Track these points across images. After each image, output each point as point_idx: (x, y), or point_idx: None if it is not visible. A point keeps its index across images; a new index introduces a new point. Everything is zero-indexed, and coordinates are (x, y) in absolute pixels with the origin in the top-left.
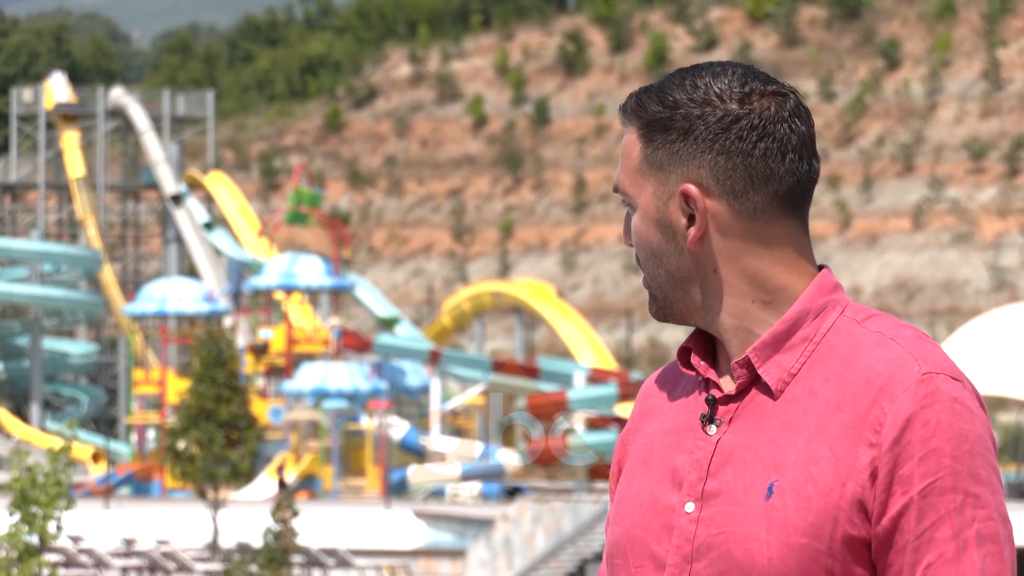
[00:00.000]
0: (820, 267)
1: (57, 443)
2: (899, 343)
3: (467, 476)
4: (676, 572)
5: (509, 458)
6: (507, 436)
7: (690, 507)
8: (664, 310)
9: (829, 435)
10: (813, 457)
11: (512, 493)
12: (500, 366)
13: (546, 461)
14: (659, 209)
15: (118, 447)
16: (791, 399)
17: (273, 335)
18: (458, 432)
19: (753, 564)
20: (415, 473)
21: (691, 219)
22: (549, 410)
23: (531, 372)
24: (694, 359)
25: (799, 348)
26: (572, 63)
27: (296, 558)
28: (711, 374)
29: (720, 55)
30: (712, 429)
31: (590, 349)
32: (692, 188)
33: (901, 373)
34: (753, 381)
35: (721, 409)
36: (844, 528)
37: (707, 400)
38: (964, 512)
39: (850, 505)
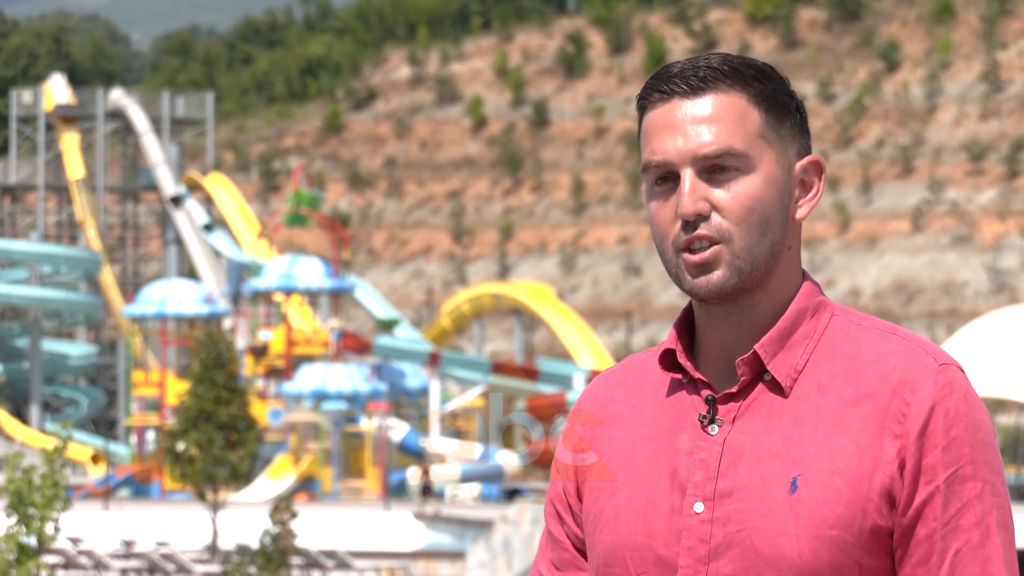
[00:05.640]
0: None
1: (54, 444)
2: (902, 338)
3: (466, 478)
4: (691, 574)
5: (509, 459)
6: (506, 438)
7: (699, 507)
8: (743, 284)
9: (849, 429)
10: (836, 450)
11: (512, 495)
12: (499, 368)
13: (546, 462)
14: (783, 176)
15: (117, 449)
16: (800, 396)
17: (272, 337)
18: (457, 434)
19: (782, 558)
20: (414, 475)
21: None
22: (549, 411)
23: (530, 374)
24: (682, 360)
25: (801, 345)
26: (571, 65)
27: (295, 560)
28: (701, 375)
29: None
30: (714, 429)
31: (589, 351)
32: (820, 158)
33: (917, 365)
34: (756, 378)
35: (721, 408)
36: (873, 519)
37: (707, 400)
38: (984, 500)
39: (878, 496)
